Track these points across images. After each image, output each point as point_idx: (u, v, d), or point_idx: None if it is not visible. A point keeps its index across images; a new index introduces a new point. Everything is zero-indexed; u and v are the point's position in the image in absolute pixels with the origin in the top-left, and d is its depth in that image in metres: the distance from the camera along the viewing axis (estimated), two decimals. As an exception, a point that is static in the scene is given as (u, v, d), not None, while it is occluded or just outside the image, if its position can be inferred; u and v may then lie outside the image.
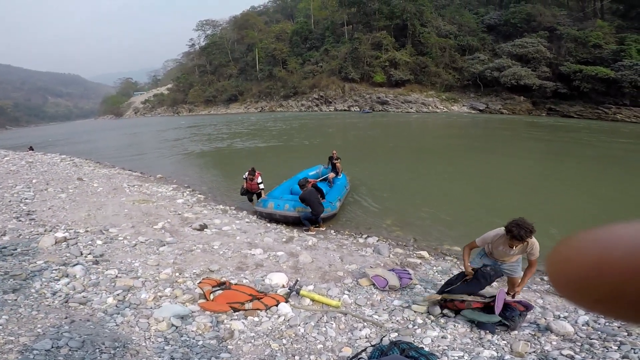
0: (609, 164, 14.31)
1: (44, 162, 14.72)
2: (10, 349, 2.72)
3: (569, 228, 7.21)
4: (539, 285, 4.79)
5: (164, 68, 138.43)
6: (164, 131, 37.60)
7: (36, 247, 4.90)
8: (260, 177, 8.23)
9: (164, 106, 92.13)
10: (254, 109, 68.19)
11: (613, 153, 17.03)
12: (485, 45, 51.56)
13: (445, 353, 3.17)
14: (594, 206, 8.80)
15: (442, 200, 9.23)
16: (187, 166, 16.15)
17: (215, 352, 3.12)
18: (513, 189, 10.44)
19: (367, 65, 56.21)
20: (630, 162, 14.58)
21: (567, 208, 8.58)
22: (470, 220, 7.75)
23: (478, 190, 10.32)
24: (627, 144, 20.38)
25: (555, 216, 7.84)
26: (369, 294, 4.35)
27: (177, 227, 6.51)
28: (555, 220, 7.53)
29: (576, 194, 9.76)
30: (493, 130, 28.32)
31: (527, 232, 3.47)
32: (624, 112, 36.86)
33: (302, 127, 31.58)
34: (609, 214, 8.27)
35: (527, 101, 44.16)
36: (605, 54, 39.36)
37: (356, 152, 10.21)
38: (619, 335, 3.37)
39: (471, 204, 8.94)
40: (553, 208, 8.47)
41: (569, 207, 8.69)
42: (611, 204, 8.91)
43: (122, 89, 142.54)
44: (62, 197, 8.14)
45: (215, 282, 4.16)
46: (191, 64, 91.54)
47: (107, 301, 3.73)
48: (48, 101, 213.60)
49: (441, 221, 7.77)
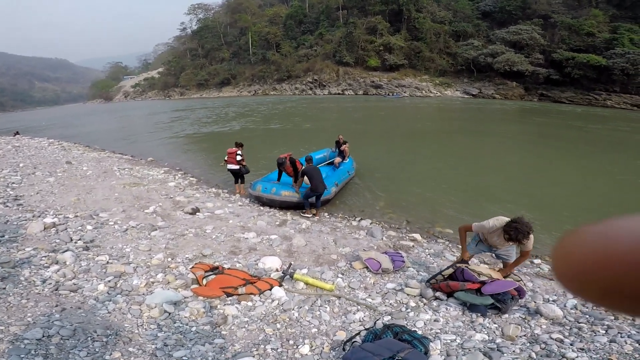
0: (591, 144, 14.47)
1: (31, 146, 14.45)
2: (1, 338, 2.68)
3: (558, 208, 7.34)
4: (528, 269, 4.84)
5: (155, 52, 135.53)
6: (155, 114, 37.03)
7: (24, 234, 4.81)
8: (240, 151, 8.10)
9: (155, 90, 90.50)
10: (247, 92, 67.43)
11: (595, 137, 17.21)
12: (479, 32, 51.88)
13: (438, 336, 3.19)
14: (581, 186, 9.00)
15: (434, 183, 9.26)
16: (179, 149, 15.93)
17: (209, 337, 3.11)
18: (504, 172, 10.56)
19: (361, 50, 56.01)
20: (622, 144, 14.76)
21: (556, 188, 8.74)
22: (462, 202, 7.81)
23: (470, 172, 10.38)
24: (615, 129, 20.56)
25: (545, 198, 8.01)
26: (362, 277, 4.36)
27: (168, 211, 6.44)
28: (545, 202, 7.69)
29: (565, 175, 9.92)
30: (485, 114, 28.35)
31: (524, 236, 3.47)
32: (613, 99, 37.76)
33: (295, 111, 31.29)
34: (591, 190, 8.65)
35: (520, 87, 44.72)
36: (598, 42, 40.01)
37: (348, 136, 10.09)
38: (606, 319, 3.42)
39: (463, 186, 8.99)
40: (543, 190, 8.61)
41: (558, 187, 8.85)
42: (593, 182, 9.20)
43: (112, 73, 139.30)
44: (50, 181, 8.00)
45: (208, 267, 4.13)
46: (183, 48, 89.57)
47: (98, 288, 3.68)
48: (35, 86, 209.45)
49: (433, 203, 7.81)
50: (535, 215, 6.38)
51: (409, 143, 15.63)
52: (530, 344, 3.07)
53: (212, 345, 3.01)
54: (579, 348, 2.99)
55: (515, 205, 7.31)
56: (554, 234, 5.98)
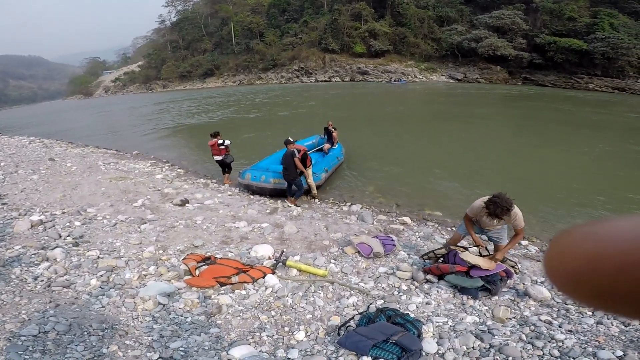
0: (575, 126, 14.77)
1: (11, 144, 14.08)
2: (-3, 336, 2.65)
3: (545, 189, 7.51)
4: (516, 250, 4.94)
5: (134, 45, 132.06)
6: (137, 108, 36.25)
7: (12, 232, 4.74)
8: (220, 140, 7.98)
9: (137, 83, 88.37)
10: (232, 82, 66.39)
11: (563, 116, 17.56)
12: (463, 17, 51.89)
13: (430, 319, 3.26)
14: (567, 166, 9.17)
15: (423, 167, 9.38)
16: (165, 141, 15.67)
17: (205, 327, 3.13)
18: (491, 154, 10.72)
19: (347, 36, 55.59)
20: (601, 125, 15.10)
21: (543, 169, 8.95)
22: (450, 185, 7.95)
23: (458, 155, 10.52)
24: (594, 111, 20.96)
25: (533, 179, 8.19)
26: (354, 262, 4.41)
27: (157, 204, 6.38)
28: (532, 183, 7.87)
29: (551, 156, 10.13)
30: (470, 98, 28.56)
31: (503, 211, 3.52)
32: (595, 82, 38.38)
33: (281, 100, 31.01)
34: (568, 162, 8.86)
35: (504, 71, 45.07)
36: (579, 26, 40.50)
37: (337, 122, 10.08)
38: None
39: (451, 169, 9.12)
40: (530, 171, 8.83)
41: (545, 168, 9.06)
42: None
43: (90, 69, 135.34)
44: (34, 179, 7.84)
45: (200, 258, 4.13)
46: (162, 40, 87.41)
47: (91, 283, 3.66)
48: (9, 84, 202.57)
49: (422, 187, 7.92)
50: (523, 196, 6.50)
51: (396, 128, 15.69)
52: (520, 326, 3.16)
53: (207, 335, 3.03)
54: (567, 330, 3.07)
55: (503, 187, 7.40)
56: (541, 215, 6.13)
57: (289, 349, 2.89)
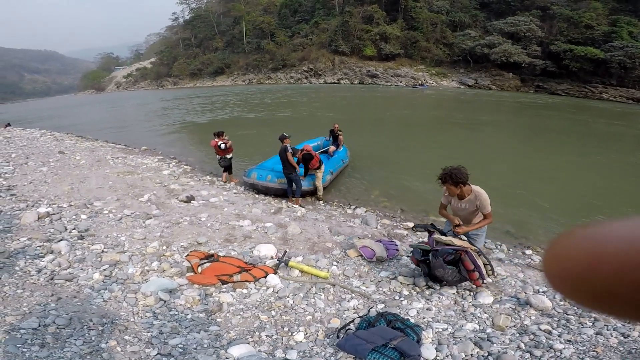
0: (586, 137, 14.56)
1: (22, 137, 14.27)
2: (-3, 329, 2.68)
3: (552, 200, 7.40)
4: (520, 259, 4.89)
5: (147, 42, 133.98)
6: (147, 104, 36.63)
7: (18, 224, 4.78)
8: (221, 141, 8.05)
9: (148, 80, 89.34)
10: (242, 81, 66.81)
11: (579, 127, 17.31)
12: (477, 22, 51.26)
13: (430, 325, 3.23)
14: (574, 178, 9.07)
15: (428, 172, 9.17)
16: (173, 138, 15.82)
17: (205, 325, 3.13)
18: (499, 162, 10.61)
19: (357, 39, 55.45)
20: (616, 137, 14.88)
21: (550, 179, 8.86)
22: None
23: (463, 163, 10.34)
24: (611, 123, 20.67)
25: (540, 189, 8.08)
26: (357, 265, 4.39)
27: (163, 199, 6.42)
28: (539, 193, 7.76)
29: (559, 166, 10.02)
30: (480, 104, 28.34)
31: (447, 175, 3.65)
32: (610, 92, 37.59)
33: (290, 100, 31.11)
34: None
35: (516, 78, 44.49)
36: (596, 34, 39.58)
37: (343, 125, 10.06)
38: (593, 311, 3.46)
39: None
40: (537, 181, 8.71)
41: (551, 178, 8.98)
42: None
43: (103, 64, 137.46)
44: (43, 171, 7.93)
45: (203, 255, 4.14)
46: (175, 38, 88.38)
47: (93, 277, 3.68)
48: (25, 78, 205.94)
49: (428, 193, 7.82)
50: (531, 205, 6.46)
51: (404, 132, 15.64)
52: (519, 335, 3.12)
53: (207, 332, 3.03)
54: (566, 340, 3.03)
55: (510, 196, 7.37)
56: (546, 226, 6.05)
57: (287, 349, 2.87)
